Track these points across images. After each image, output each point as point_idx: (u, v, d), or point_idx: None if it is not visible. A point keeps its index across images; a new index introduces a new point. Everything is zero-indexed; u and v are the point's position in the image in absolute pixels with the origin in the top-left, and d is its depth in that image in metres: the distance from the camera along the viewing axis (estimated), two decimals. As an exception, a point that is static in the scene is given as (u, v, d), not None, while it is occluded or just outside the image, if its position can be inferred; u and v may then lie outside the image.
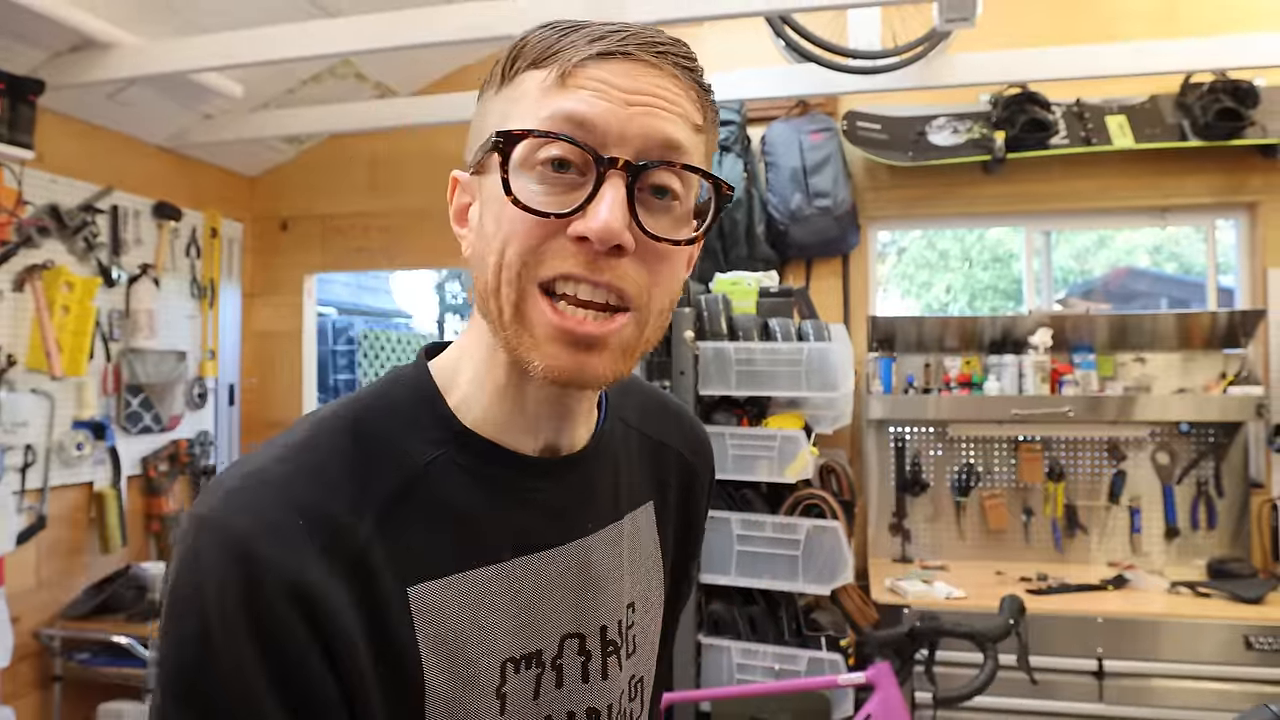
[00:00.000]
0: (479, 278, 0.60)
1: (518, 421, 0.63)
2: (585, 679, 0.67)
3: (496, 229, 0.58)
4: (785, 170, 3.30)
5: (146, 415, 3.19)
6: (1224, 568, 2.91)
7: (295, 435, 0.59)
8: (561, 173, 0.56)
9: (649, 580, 0.76)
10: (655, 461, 0.79)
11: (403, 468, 0.59)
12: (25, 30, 2.45)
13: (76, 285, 2.86)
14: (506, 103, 0.59)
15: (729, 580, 2.58)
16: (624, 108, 0.56)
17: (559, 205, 0.56)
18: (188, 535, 0.54)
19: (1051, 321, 3.11)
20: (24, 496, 2.72)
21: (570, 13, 2.34)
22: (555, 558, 0.65)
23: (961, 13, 2.44)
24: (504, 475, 0.63)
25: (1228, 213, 3.32)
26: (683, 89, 0.59)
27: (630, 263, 0.56)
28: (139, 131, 3.21)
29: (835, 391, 2.58)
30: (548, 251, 0.56)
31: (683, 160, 0.57)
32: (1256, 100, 2.96)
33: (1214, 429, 3.12)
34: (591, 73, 0.56)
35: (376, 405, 0.62)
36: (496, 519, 0.62)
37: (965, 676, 2.06)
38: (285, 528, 0.53)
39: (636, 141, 0.56)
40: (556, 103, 0.56)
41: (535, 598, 0.64)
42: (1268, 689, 2.51)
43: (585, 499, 0.69)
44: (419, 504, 0.59)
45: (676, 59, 0.59)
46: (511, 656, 0.62)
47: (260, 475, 0.56)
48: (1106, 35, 3.10)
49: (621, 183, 0.55)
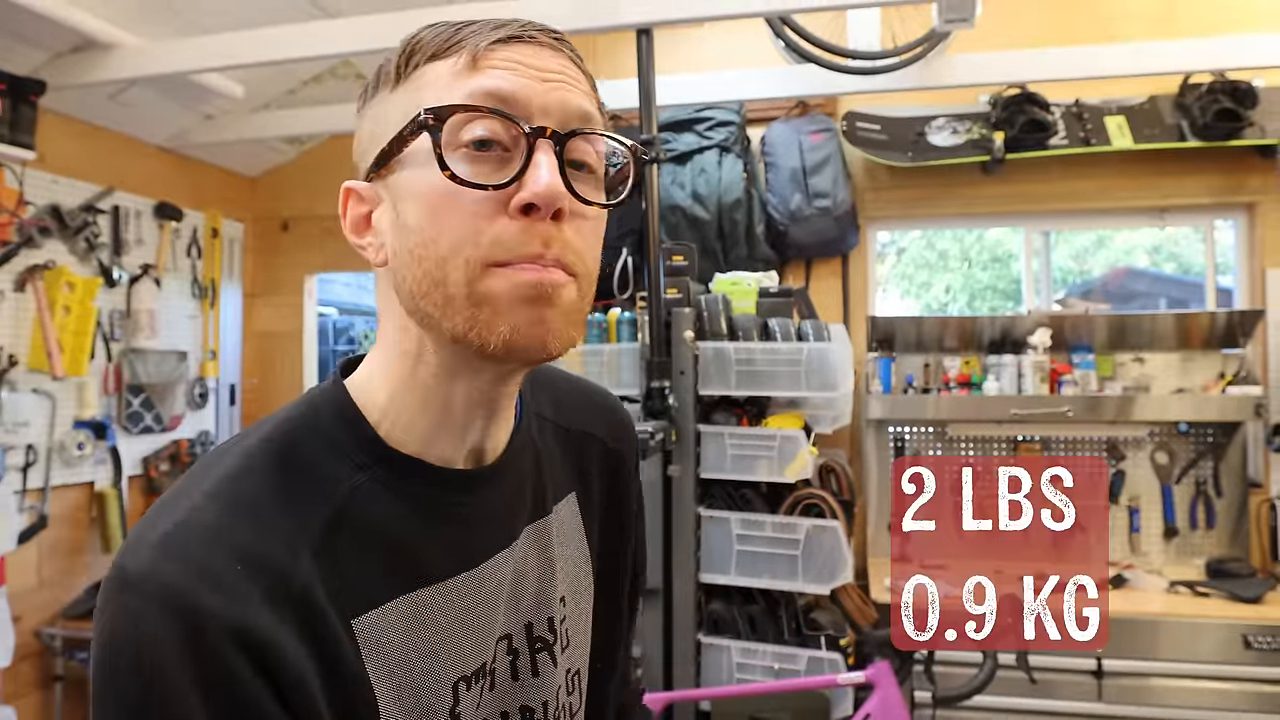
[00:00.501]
0: (408, 277, 0.57)
1: (445, 429, 0.62)
2: (515, 677, 0.67)
3: (428, 219, 0.56)
4: (785, 171, 3.31)
5: (147, 415, 3.20)
6: (1223, 567, 2.91)
7: (221, 470, 0.56)
8: (485, 151, 0.56)
9: (577, 572, 0.76)
10: (576, 452, 0.79)
11: (333, 496, 0.57)
12: (26, 31, 2.45)
13: (78, 285, 2.87)
14: (409, 94, 0.58)
15: (729, 580, 2.59)
16: (540, 83, 0.57)
17: (494, 180, 0.55)
18: (116, 594, 0.50)
19: (1050, 321, 3.12)
20: (25, 496, 2.73)
21: (561, 13, 2.36)
22: (494, 568, 0.65)
23: (961, 13, 2.45)
24: (433, 493, 0.61)
25: (1226, 213, 3.33)
26: (580, 74, 0.61)
27: (568, 229, 0.57)
28: (140, 132, 3.22)
29: (835, 391, 2.59)
30: (490, 234, 0.55)
31: (595, 129, 0.59)
32: (1255, 101, 2.97)
33: (1213, 429, 3.13)
34: (502, 54, 0.57)
35: (301, 431, 0.60)
36: (431, 538, 0.61)
37: (964, 676, 2.07)
38: (224, 575, 0.50)
39: (557, 113, 0.57)
40: (474, 82, 0.56)
41: (478, 611, 0.63)
42: (1266, 688, 2.51)
43: (514, 502, 0.68)
44: (353, 532, 0.57)
45: (571, 50, 0.61)
46: (463, 674, 0.61)
47: (190, 521, 0.52)
48: (1105, 36, 3.10)
49: (552, 150, 0.56)
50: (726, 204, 3.25)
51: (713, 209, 3.25)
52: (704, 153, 3.33)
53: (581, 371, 2.70)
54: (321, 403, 0.62)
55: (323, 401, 0.62)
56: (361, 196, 0.61)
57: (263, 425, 0.60)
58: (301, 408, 0.62)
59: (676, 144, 3.37)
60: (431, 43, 0.58)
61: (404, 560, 0.59)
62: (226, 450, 0.59)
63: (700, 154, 3.33)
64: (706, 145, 3.33)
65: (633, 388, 2.66)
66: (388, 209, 0.59)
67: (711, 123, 3.35)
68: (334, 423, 0.60)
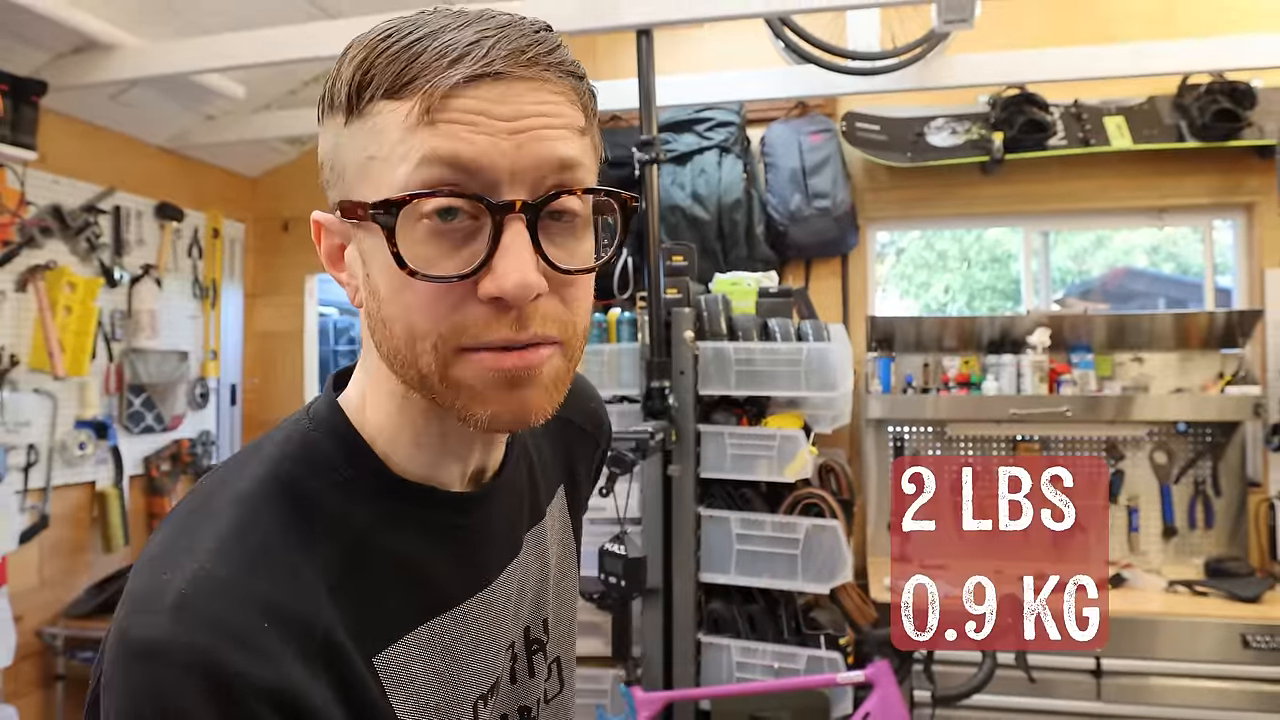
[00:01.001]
0: (385, 338, 0.54)
1: (445, 457, 0.60)
2: (514, 680, 0.67)
3: (394, 295, 0.52)
4: (784, 171, 3.32)
5: (149, 415, 3.20)
6: (1221, 567, 2.92)
7: (225, 516, 0.52)
8: (451, 222, 0.50)
9: (565, 565, 0.76)
10: (561, 443, 0.78)
11: (344, 531, 0.55)
12: (28, 31, 2.46)
13: (79, 285, 2.87)
14: (365, 138, 0.52)
15: (728, 579, 2.60)
16: (507, 138, 0.49)
17: (459, 264, 0.50)
18: (133, 664, 0.45)
19: (1049, 321, 3.13)
20: (27, 496, 2.73)
21: (563, 14, 2.34)
22: (503, 583, 0.64)
23: (960, 14, 2.45)
24: (442, 518, 0.60)
25: (1225, 213, 3.34)
26: (561, 92, 0.52)
27: (547, 302, 0.52)
28: (141, 132, 3.22)
29: (834, 391, 2.60)
30: (463, 321, 0.51)
31: (578, 175, 0.53)
32: (1254, 101, 2.98)
33: (1211, 428, 3.14)
34: (461, 103, 0.49)
35: (302, 467, 0.56)
36: (443, 564, 0.59)
37: (964, 675, 2.08)
38: (252, 634, 0.47)
39: (529, 174, 0.50)
40: (428, 143, 0.49)
41: (492, 630, 0.62)
42: (1265, 687, 2.52)
43: (514, 514, 0.68)
44: (366, 567, 0.55)
45: (549, 62, 0.52)
46: (481, 693, 0.61)
47: (207, 577, 0.48)
48: (1104, 37, 3.11)
49: (523, 225, 0.50)
50: (726, 204, 3.25)
51: (712, 209, 3.26)
52: (704, 153, 3.34)
53: (582, 372, 2.72)
54: (320, 433, 0.58)
55: (321, 431, 0.58)
56: (333, 229, 0.57)
57: (249, 462, 0.56)
58: (296, 441, 0.58)
59: (676, 144, 3.37)
60: (384, 73, 0.50)
61: (418, 590, 0.58)
62: (214, 494, 0.54)
63: (700, 154, 3.34)
64: (706, 146, 3.34)
65: (633, 387, 2.67)
66: (356, 256, 0.55)
67: (711, 123, 3.36)
68: (337, 454, 0.57)
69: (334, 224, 0.56)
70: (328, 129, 0.55)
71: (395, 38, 0.51)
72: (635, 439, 2.08)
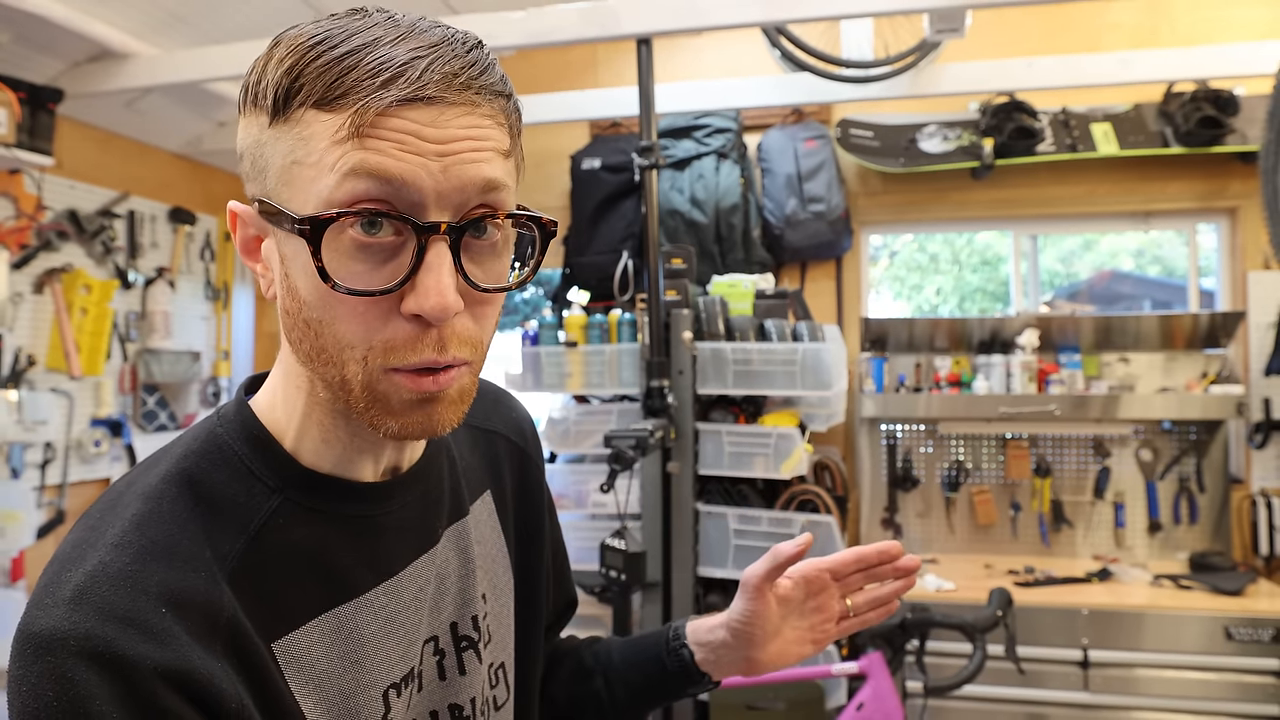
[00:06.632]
0: (306, 338, 0.54)
1: (355, 453, 0.61)
2: (442, 677, 0.67)
3: (319, 301, 0.53)
4: (780, 176, 3.36)
5: (162, 413, 3.26)
6: (1205, 561, 2.96)
7: (126, 517, 0.52)
8: (375, 234, 0.51)
9: (496, 568, 0.76)
10: (485, 450, 0.79)
11: (247, 522, 0.56)
12: (45, 41, 2.50)
13: (94, 288, 2.92)
14: (291, 143, 0.51)
15: (726, 573, 2.61)
16: (435, 159, 0.50)
17: (383, 279, 0.51)
18: (34, 659, 0.45)
19: (1038, 323, 3.17)
20: (44, 492, 2.77)
21: (564, 24, 2.36)
22: (414, 574, 0.64)
23: (951, 24, 2.50)
24: (350, 508, 0.61)
25: (1209, 217, 3.39)
26: (490, 115, 0.53)
27: (461, 320, 0.54)
28: (155, 139, 3.26)
29: (829, 390, 2.61)
30: (392, 339, 0.52)
31: (501, 196, 0.54)
32: (1236, 108, 3.02)
33: (1195, 427, 3.19)
34: (393, 123, 0.49)
35: (204, 462, 0.57)
36: (350, 552, 0.60)
37: (955, 666, 2.10)
38: (149, 619, 0.47)
39: (455, 196, 0.51)
40: (357, 156, 0.49)
41: (401, 619, 0.63)
42: (1247, 678, 2.56)
43: (431, 507, 0.68)
44: (270, 557, 0.56)
45: (479, 85, 0.52)
46: (392, 682, 0.61)
47: (101, 571, 0.48)
48: (1092, 46, 3.17)
49: (445, 246, 0.51)
50: (724, 208, 3.29)
51: (710, 213, 3.30)
52: (702, 159, 3.37)
53: (583, 372, 2.77)
54: (225, 430, 0.59)
55: (226, 428, 0.60)
56: (249, 220, 0.57)
57: (160, 461, 0.58)
58: (202, 438, 0.59)
59: (675, 150, 3.41)
60: (314, 84, 0.50)
61: (323, 578, 0.58)
62: (123, 494, 0.55)
63: (698, 160, 3.38)
64: (704, 151, 3.38)
65: (633, 387, 2.69)
66: (274, 251, 0.56)
67: (709, 130, 3.40)
68: (242, 448, 0.58)
69: (251, 216, 0.56)
70: (250, 124, 0.54)
71: (327, 45, 0.50)
72: (635, 437, 2.07)
